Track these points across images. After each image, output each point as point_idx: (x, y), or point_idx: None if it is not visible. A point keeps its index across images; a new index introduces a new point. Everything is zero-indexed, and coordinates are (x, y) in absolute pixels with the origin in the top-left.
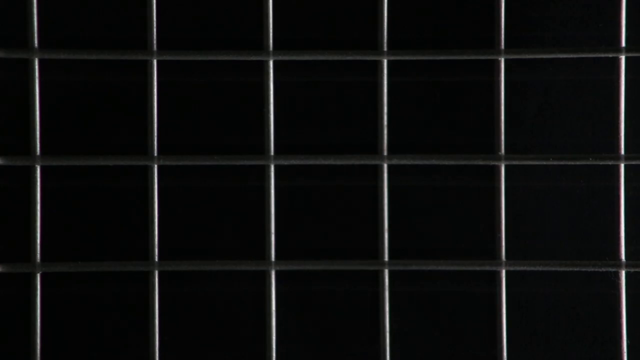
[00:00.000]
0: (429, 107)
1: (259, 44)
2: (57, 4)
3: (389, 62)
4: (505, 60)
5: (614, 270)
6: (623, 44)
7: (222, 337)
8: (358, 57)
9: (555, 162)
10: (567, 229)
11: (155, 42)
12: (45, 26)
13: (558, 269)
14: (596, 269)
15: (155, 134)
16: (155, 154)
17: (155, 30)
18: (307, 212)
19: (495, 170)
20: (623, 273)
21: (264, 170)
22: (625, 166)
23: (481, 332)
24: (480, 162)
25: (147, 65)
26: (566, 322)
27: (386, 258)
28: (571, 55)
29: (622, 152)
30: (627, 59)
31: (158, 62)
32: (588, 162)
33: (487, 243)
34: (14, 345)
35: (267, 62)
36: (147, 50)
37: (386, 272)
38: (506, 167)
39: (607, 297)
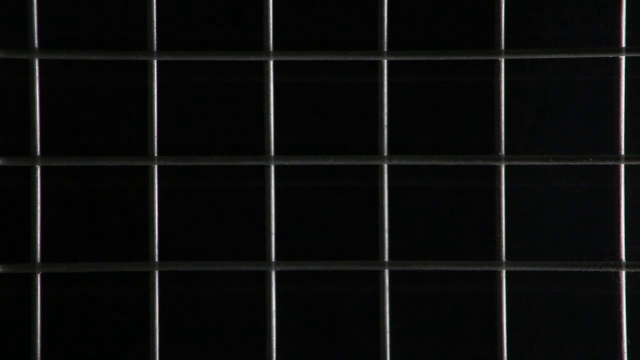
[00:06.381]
0: (429, 107)
1: (259, 45)
2: (57, 4)
3: (389, 62)
4: (506, 61)
5: (614, 270)
6: (623, 44)
7: (223, 337)
8: (358, 58)
9: (556, 163)
10: (567, 229)
11: (155, 42)
12: (45, 27)
13: (558, 269)
14: (596, 270)
15: (156, 134)
16: (156, 155)
17: (155, 30)
18: (307, 213)
19: (495, 171)
20: (623, 273)
21: (264, 170)
22: (626, 166)
23: (481, 333)
24: (481, 163)
25: (147, 65)
26: (566, 323)
27: (386, 258)
28: (571, 56)
29: (622, 152)
30: (627, 59)
31: (158, 62)
32: (588, 163)
33: (487, 243)
34: (15, 346)
35: (267, 63)
36: (147, 51)
37: (386, 272)
38: (506, 167)
39: (607, 297)
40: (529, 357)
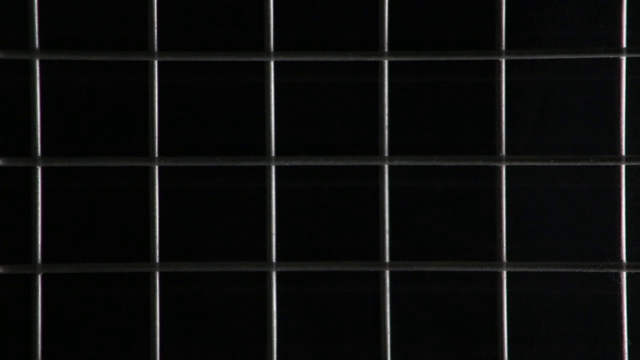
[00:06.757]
0: (430, 108)
1: (260, 45)
2: (58, 5)
3: (390, 62)
4: (506, 61)
5: (614, 271)
6: (624, 44)
7: (223, 338)
8: (359, 58)
9: (556, 163)
10: (568, 229)
11: (156, 43)
12: (46, 27)
13: (559, 270)
14: (597, 270)
15: (156, 134)
16: (156, 155)
17: (156, 31)
18: (308, 213)
19: (496, 171)
20: (624, 274)
21: (265, 171)
22: (626, 167)
23: (482, 333)
24: (481, 163)
25: (148, 66)
26: (567, 323)
27: (387, 259)
28: (572, 56)
29: (623, 152)
30: (628, 59)
31: (159, 62)
32: (589, 163)
33: (488, 244)
34: (15, 346)
35: (268, 63)
36: (148, 51)
37: (387, 273)
38: (507, 168)
39: (608, 298)
40: (529, 358)
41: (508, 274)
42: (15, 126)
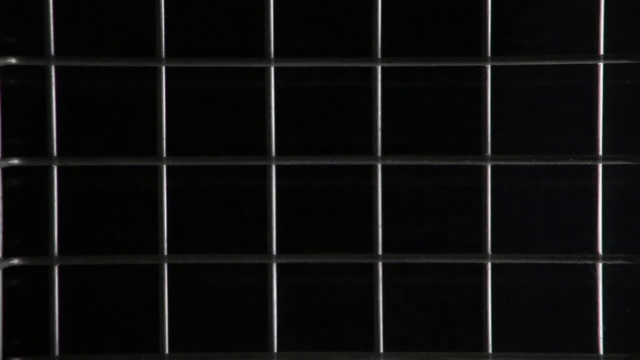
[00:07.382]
0: (421, 110)
1: (261, 52)
2: (72, 14)
3: (383, 68)
4: (492, 67)
5: (591, 262)
6: (601, 51)
7: (226, 325)
8: (354, 64)
9: (538, 163)
10: (549, 224)
11: (163, 50)
12: (60, 35)
13: (540, 261)
14: (575, 262)
15: (164, 136)
16: (164, 155)
17: (163, 38)
18: (306, 209)
19: (482, 170)
20: (600, 265)
21: (266, 170)
22: (603, 166)
23: (468, 321)
24: (469, 163)
25: (156, 71)
26: (547, 311)
27: (380, 252)
28: (553, 63)
29: (600, 153)
30: (605, 65)
31: (166, 68)
32: (568, 163)
33: (474, 238)
34: (33, 332)
35: (268, 69)
36: (156, 58)
37: (380, 264)
38: (492, 167)
39: (585, 287)
40: (512, 343)
41: (493, 265)
42: (32, 128)
